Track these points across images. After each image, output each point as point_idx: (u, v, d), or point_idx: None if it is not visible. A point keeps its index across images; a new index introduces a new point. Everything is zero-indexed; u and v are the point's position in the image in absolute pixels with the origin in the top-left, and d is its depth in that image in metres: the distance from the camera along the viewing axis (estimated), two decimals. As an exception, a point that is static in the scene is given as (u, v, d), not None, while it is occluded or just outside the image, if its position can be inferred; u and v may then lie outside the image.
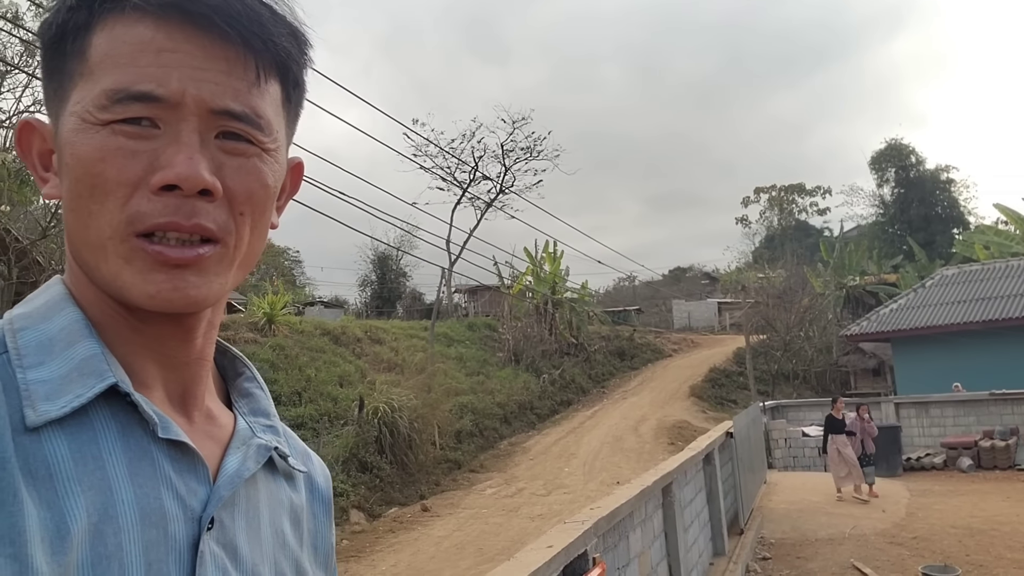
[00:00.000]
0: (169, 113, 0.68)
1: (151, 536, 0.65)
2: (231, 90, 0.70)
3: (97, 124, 0.67)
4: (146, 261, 0.68)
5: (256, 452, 0.79)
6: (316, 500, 0.91)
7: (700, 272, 67.42)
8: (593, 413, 24.44)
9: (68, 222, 0.71)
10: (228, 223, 0.71)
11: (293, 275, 53.69)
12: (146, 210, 0.67)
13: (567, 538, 3.99)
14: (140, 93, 0.67)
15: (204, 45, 0.69)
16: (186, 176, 0.67)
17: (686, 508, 7.38)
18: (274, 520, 0.81)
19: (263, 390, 0.89)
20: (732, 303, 45.05)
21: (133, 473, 0.66)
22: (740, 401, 25.11)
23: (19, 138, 0.76)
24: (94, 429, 0.66)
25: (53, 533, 0.60)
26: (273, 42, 0.73)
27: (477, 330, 30.86)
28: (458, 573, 9.67)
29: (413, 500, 14.71)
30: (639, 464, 16.09)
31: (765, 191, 71.12)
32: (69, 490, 0.62)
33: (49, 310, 0.72)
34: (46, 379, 0.66)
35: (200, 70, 0.69)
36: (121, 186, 0.67)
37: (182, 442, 0.70)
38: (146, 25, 0.68)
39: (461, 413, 20.29)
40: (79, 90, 0.69)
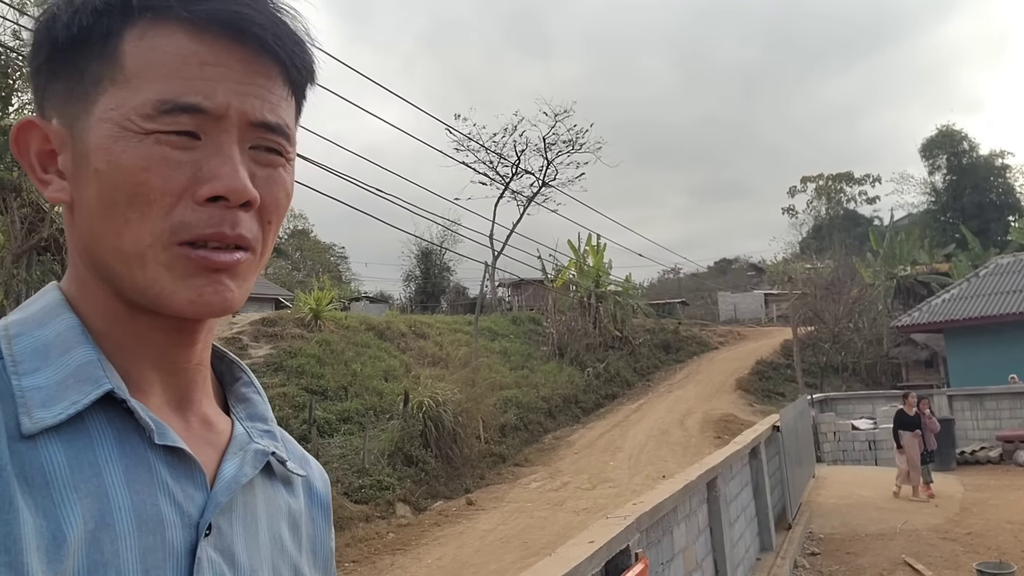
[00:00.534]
0: (211, 125, 0.69)
1: (148, 543, 0.65)
2: (268, 104, 0.72)
3: (140, 133, 0.68)
4: (188, 267, 0.69)
5: (254, 457, 0.78)
6: (315, 505, 0.90)
7: (746, 263, 66.62)
8: (638, 407, 24.31)
9: (93, 229, 0.71)
10: (259, 232, 0.73)
11: (339, 271, 54.29)
12: (192, 220, 0.68)
13: (609, 533, 3.96)
14: (188, 105, 0.68)
15: (244, 60, 0.71)
16: (234, 189, 0.69)
17: (732, 503, 7.30)
18: (272, 525, 0.80)
19: (260, 395, 0.88)
20: (779, 295, 44.42)
21: (130, 480, 0.66)
22: (788, 394, 24.76)
23: (17, 137, 0.74)
24: (90, 436, 0.66)
25: (49, 541, 0.60)
26: (305, 60, 0.76)
27: (521, 324, 30.89)
28: (503, 567, 9.70)
29: (458, 494, 14.78)
30: (685, 458, 15.96)
31: (812, 180, 70.00)
32: (65, 497, 0.62)
33: (45, 316, 0.72)
34: (41, 386, 0.66)
35: (241, 84, 0.71)
36: (165, 196, 0.68)
37: (179, 448, 0.70)
38: (186, 37, 0.69)
39: (505, 407, 20.33)
40: (111, 96, 0.69)
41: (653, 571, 4.74)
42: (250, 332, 20.49)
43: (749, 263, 65.88)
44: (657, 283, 60.29)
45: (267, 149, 0.74)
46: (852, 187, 69.05)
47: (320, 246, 59.52)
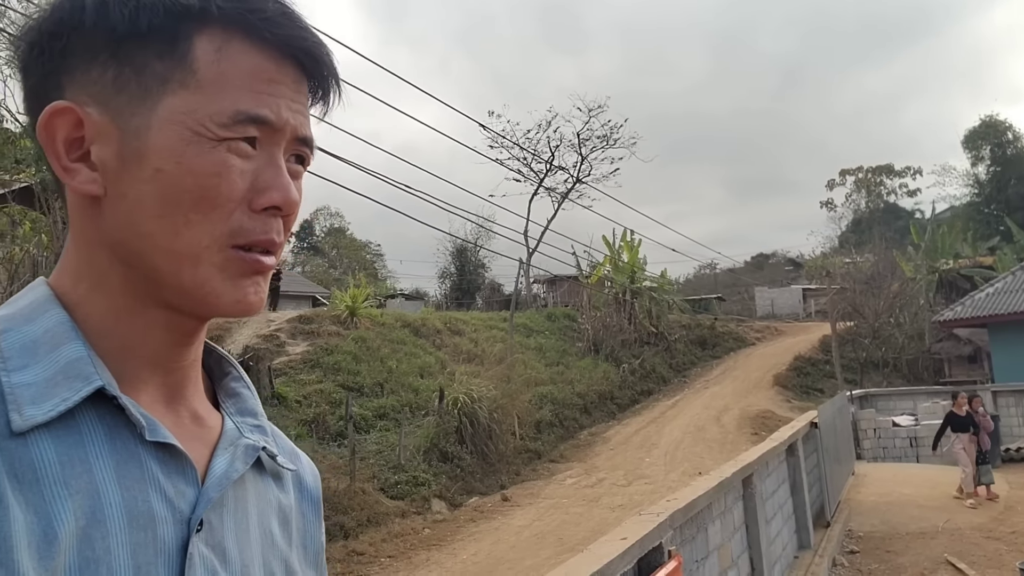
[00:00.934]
0: (268, 136, 0.74)
1: (139, 539, 0.65)
2: (307, 120, 0.78)
3: (214, 140, 0.70)
4: (240, 269, 0.73)
5: (244, 452, 0.79)
6: (305, 499, 0.91)
7: (784, 258, 65.92)
8: (674, 403, 24.16)
9: (142, 226, 0.70)
10: (283, 239, 0.78)
11: (375, 268, 54.65)
12: (248, 226, 0.72)
13: (641, 530, 3.95)
14: (259, 116, 0.72)
15: (296, 79, 0.76)
16: (289, 200, 0.75)
17: (768, 500, 7.23)
18: (263, 520, 0.81)
19: (250, 390, 0.88)
20: (817, 289, 43.83)
21: (121, 476, 0.66)
22: (827, 390, 24.42)
23: (49, 122, 0.71)
24: (81, 432, 0.66)
25: (40, 538, 0.60)
26: (335, 85, 0.81)
27: (556, 320, 30.84)
28: (538, 562, 9.71)
29: (494, 490, 14.81)
30: (722, 454, 15.83)
31: (851, 173, 68.97)
32: (56, 494, 0.62)
33: (33, 312, 0.71)
34: (31, 382, 0.66)
35: (293, 101, 0.76)
36: (230, 201, 0.71)
37: (170, 444, 0.70)
38: (256, 53, 0.73)
39: (541, 403, 20.32)
40: (182, 99, 0.70)
41: (687, 568, 4.71)
42: (287, 329, 20.72)
43: (787, 258, 65.18)
44: (693, 279, 59.83)
45: (298, 159, 0.79)
46: (892, 180, 67.94)
47: (356, 244, 59.99)
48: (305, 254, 57.31)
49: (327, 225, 64.42)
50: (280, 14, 0.74)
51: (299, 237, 61.61)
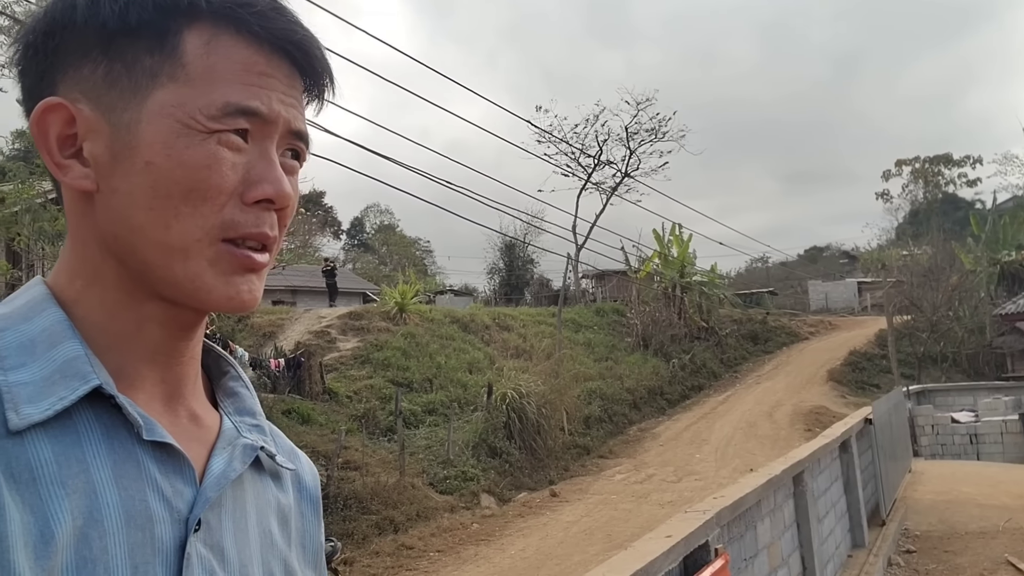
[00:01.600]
0: (260, 129, 0.73)
1: (137, 538, 0.65)
2: (300, 114, 0.78)
3: (204, 132, 0.70)
4: (231, 264, 0.72)
5: (242, 452, 0.79)
6: (304, 499, 0.90)
7: (838, 251, 64.69)
8: (725, 398, 23.88)
9: (133, 220, 0.70)
10: (278, 234, 0.77)
11: (424, 265, 55.03)
12: (240, 219, 0.72)
13: (687, 528, 3.90)
14: (249, 108, 0.72)
15: (288, 73, 0.76)
16: (282, 193, 0.74)
17: (820, 498, 7.09)
18: (261, 520, 0.80)
19: (248, 389, 0.88)
20: (873, 283, 42.86)
21: (118, 475, 0.66)
22: (883, 386, 23.88)
23: (41, 118, 0.72)
24: (78, 432, 0.66)
25: (37, 538, 0.60)
26: (328, 80, 0.81)
27: (605, 315, 30.70)
28: (587, 559, 9.68)
29: (542, 485, 14.82)
30: (774, 451, 15.58)
31: (908, 163, 67.27)
32: (53, 494, 0.62)
33: (30, 311, 0.71)
34: (28, 381, 0.65)
35: (285, 95, 0.76)
36: (221, 194, 0.71)
37: (168, 443, 0.70)
38: (247, 46, 0.73)
39: (590, 399, 20.27)
40: (172, 93, 0.70)
41: (735, 567, 4.65)
42: (338, 326, 20.97)
43: (841, 251, 63.94)
44: (745, 272, 59.00)
45: (293, 155, 0.79)
46: (951, 169, 66.07)
47: (405, 241, 60.44)
48: (355, 251, 57.95)
49: (377, 222, 65.03)
50: (270, 8, 0.74)
51: (350, 235, 62.35)
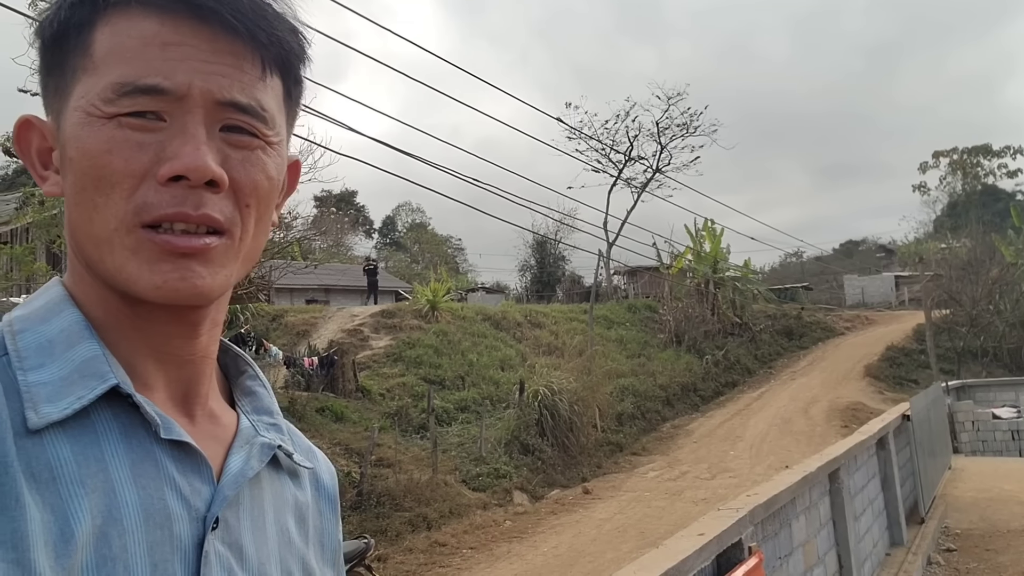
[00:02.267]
0: (175, 106, 0.69)
1: (155, 537, 0.65)
2: (237, 83, 0.71)
3: (103, 117, 0.68)
4: (152, 251, 0.68)
5: (260, 451, 0.79)
6: (322, 497, 0.90)
7: (874, 245, 63.76)
8: (760, 395, 23.64)
9: (72, 217, 0.72)
10: (235, 215, 0.72)
11: (456, 263, 55.17)
12: (153, 200, 0.68)
13: (719, 526, 3.86)
14: (147, 86, 0.68)
15: (210, 39, 0.70)
16: (194, 167, 0.68)
17: (857, 495, 6.99)
18: (279, 518, 0.80)
19: (266, 388, 0.88)
20: (911, 277, 42.18)
21: (136, 474, 0.66)
22: (921, 381, 23.48)
23: (18, 136, 0.75)
24: (96, 431, 0.66)
25: (57, 536, 0.60)
26: (278, 37, 0.74)
27: (637, 312, 30.53)
28: (620, 556, 9.64)
29: (575, 482, 14.77)
30: (809, 447, 15.40)
31: (945, 155, 66.11)
32: (73, 492, 0.62)
33: (48, 312, 0.72)
34: (47, 381, 0.66)
35: (207, 63, 0.70)
36: (128, 177, 0.68)
37: (185, 442, 0.70)
38: (151, 20, 0.69)
39: (622, 395, 20.16)
40: (82, 85, 0.70)
41: (770, 565, 4.59)
42: (371, 324, 21.10)
43: (877, 244, 63.01)
44: (779, 267, 58.39)
45: (240, 130, 0.72)
46: (990, 160, 64.81)
47: (437, 239, 60.67)
48: (387, 250, 58.27)
49: (408, 220, 65.39)
50: None
51: (381, 233, 62.72)
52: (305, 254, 18.83)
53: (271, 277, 14.47)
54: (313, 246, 24.94)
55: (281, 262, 15.63)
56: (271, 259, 14.73)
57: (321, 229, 20.04)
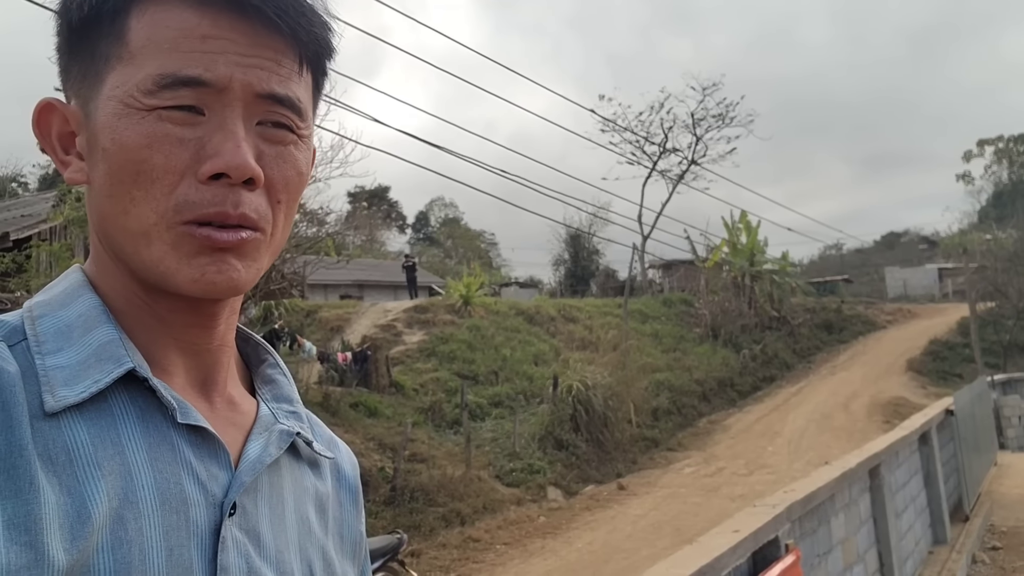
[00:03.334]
0: (214, 99, 0.69)
1: (171, 521, 0.65)
2: (276, 76, 0.72)
3: (143, 110, 0.67)
4: (193, 245, 0.68)
5: (279, 438, 0.78)
6: (343, 488, 0.90)
7: (917, 236, 62.67)
8: (798, 389, 23.31)
9: (102, 208, 0.71)
10: (267, 211, 0.72)
11: (489, 257, 55.26)
12: (195, 199, 0.68)
13: (755, 523, 3.77)
14: (188, 78, 0.68)
15: (249, 33, 0.70)
16: (235, 165, 0.68)
17: (898, 492, 6.82)
18: (299, 507, 0.80)
19: (286, 376, 0.88)
20: (955, 268, 41.35)
21: (153, 458, 0.66)
22: (966, 375, 22.98)
23: (38, 119, 0.75)
24: (113, 414, 0.66)
25: (74, 518, 0.60)
26: (315, 34, 0.74)
27: (672, 306, 30.30)
28: (654, 553, 9.52)
29: (609, 478, 14.66)
30: (850, 443, 15.12)
31: (990, 143, 64.70)
32: (90, 475, 0.62)
33: (67, 297, 0.72)
34: (64, 365, 0.66)
35: (245, 56, 0.70)
36: (169, 173, 0.68)
37: (202, 427, 0.70)
38: (189, 11, 0.69)
39: (657, 390, 19.99)
40: (118, 74, 0.69)
41: (808, 563, 4.48)
42: (404, 319, 21.16)
43: (920, 236, 61.93)
44: (818, 260, 57.66)
45: (276, 124, 0.73)
46: (1038, 149, 63.23)
47: (470, 233, 60.81)
48: (421, 245, 58.53)
49: (442, 215, 65.58)
50: None
51: (415, 228, 63.01)
52: (339, 250, 18.93)
53: (305, 273, 14.54)
54: (347, 241, 25.08)
55: (314, 257, 15.70)
56: (303, 254, 14.80)
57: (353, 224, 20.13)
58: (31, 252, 11.96)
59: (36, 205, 16.41)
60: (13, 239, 13.28)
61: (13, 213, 16.59)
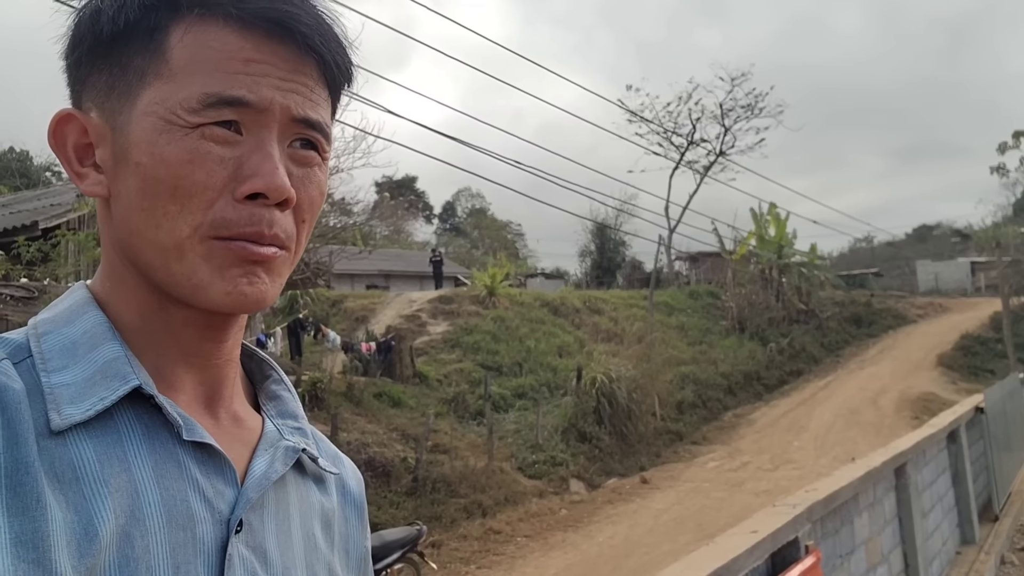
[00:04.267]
0: (253, 120, 0.70)
1: (178, 538, 0.65)
2: (309, 102, 0.74)
3: (186, 127, 0.68)
4: (227, 258, 0.69)
5: (284, 454, 0.78)
6: (348, 504, 0.90)
7: (949, 229, 61.66)
8: (826, 384, 23.04)
9: (131, 221, 0.71)
10: (293, 231, 0.74)
11: (515, 248, 55.24)
12: (232, 217, 0.69)
13: (774, 523, 3.69)
14: (232, 98, 0.69)
15: (289, 59, 0.72)
16: (274, 187, 0.69)
17: (925, 491, 6.69)
18: (305, 523, 0.80)
19: (291, 392, 0.88)
20: (988, 262, 40.63)
21: (159, 475, 0.67)
22: (998, 371, 22.57)
23: (55, 130, 0.75)
24: (119, 432, 0.67)
25: (81, 536, 0.60)
26: (345, 65, 0.77)
27: (699, 298, 30.08)
28: (676, 548, 9.45)
29: (632, 471, 14.59)
30: (878, 439, 14.91)
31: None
32: (96, 492, 0.62)
33: (72, 314, 0.72)
34: (70, 382, 0.67)
35: (285, 81, 0.71)
36: (208, 190, 0.69)
37: (208, 444, 0.71)
38: (232, 34, 0.70)
39: (682, 383, 19.85)
40: (156, 90, 0.69)
41: (830, 563, 4.41)
42: (428, 310, 21.20)
43: (952, 229, 60.91)
44: (848, 253, 57.01)
45: (305, 145, 0.74)
46: (1076, 140, 61.85)
47: (497, 224, 60.78)
48: (447, 235, 58.63)
49: (468, 206, 65.61)
50: None
51: (441, 219, 63.11)
52: (365, 240, 18.97)
53: (330, 262, 14.61)
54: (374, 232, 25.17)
55: (339, 247, 15.75)
56: (329, 244, 14.85)
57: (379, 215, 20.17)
58: (58, 241, 12.11)
59: (65, 195, 16.59)
60: (42, 227, 13.47)
61: (43, 202, 16.81)
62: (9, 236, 13.54)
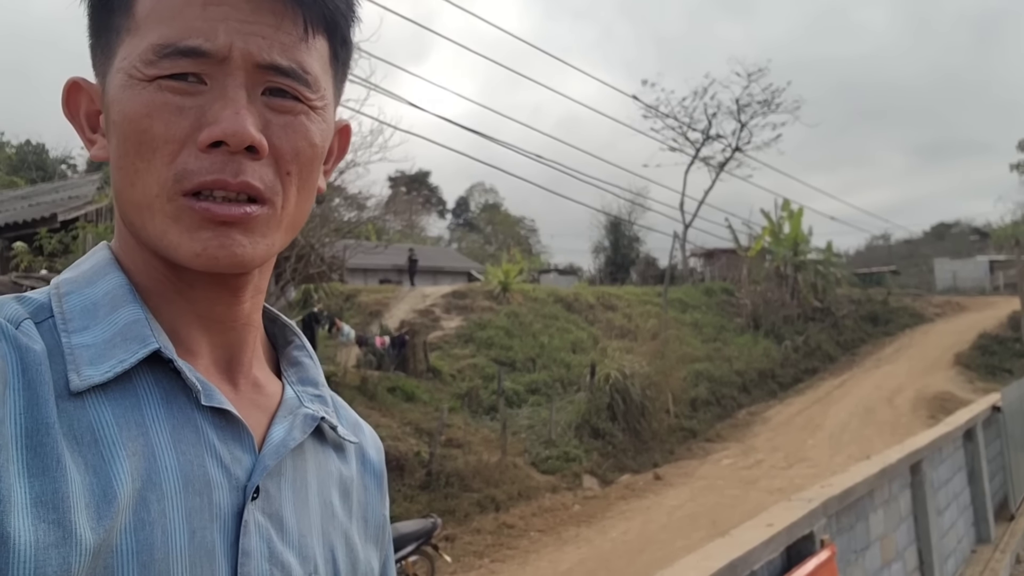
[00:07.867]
0: (216, 68, 0.67)
1: (194, 503, 0.65)
2: (278, 44, 0.69)
3: (144, 80, 0.67)
4: (193, 219, 0.67)
5: (303, 421, 0.78)
6: (368, 472, 0.89)
7: (968, 227, 61.18)
8: (841, 382, 22.92)
9: (115, 182, 0.71)
10: (275, 183, 0.70)
11: (529, 244, 55.21)
12: (193, 167, 0.67)
13: (790, 517, 3.70)
14: (187, 48, 0.66)
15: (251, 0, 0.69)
16: (232, 131, 0.66)
17: (941, 489, 6.66)
18: (323, 491, 0.80)
19: (312, 359, 0.87)
20: (1007, 261, 40.28)
21: (176, 440, 0.66)
22: (1016, 371, 22.38)
23: (67, 99, 0.75)
24: (137, 395, 0.66)
25: (100, 498, 0.60)
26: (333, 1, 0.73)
27: (713, 295, 29.97)
28: (690, 544, 9.43)
29: (646, 468, 14.58)
30: (893, 438, 14.80)
31: (1048, 132, 62.67)
32: (115, 455, 0.62)
33: (94, 275, 0.72)
34: (90, 344, 0.66)
35: (247, 23, 0.68)
36: (168, 143, 0.67)
37: (226, 410, 0.70)
38: None
39: (696, 381, 19.81)
40: (125, 46, 0.69)
41: (845, 559, 4.40)
42: (442, 305, 21.23)
43: (971, 227, 60.42)
44: (865, 251, 56.64)
45: (279, 93, 0.70)
46: (1097, 138, 61.18)
47: (510, 219, 60.77)
48: (460, 230, 58.67)
49: (482, 201, 65.60)
50: None
51: (455, 214, 63.14)
52: (379, 234, 19.01)
53: (344, 257, 14.65)
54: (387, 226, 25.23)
55: (353, 242, 15.78)
56: (343, 238, 14.89)
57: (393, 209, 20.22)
58: (77, 233, 12.22)
59: (83, 187, 16.73)
60: (61, 220, 13.58)
61: (62, 195, 16.94)
62: (29, 228, 13.67)
